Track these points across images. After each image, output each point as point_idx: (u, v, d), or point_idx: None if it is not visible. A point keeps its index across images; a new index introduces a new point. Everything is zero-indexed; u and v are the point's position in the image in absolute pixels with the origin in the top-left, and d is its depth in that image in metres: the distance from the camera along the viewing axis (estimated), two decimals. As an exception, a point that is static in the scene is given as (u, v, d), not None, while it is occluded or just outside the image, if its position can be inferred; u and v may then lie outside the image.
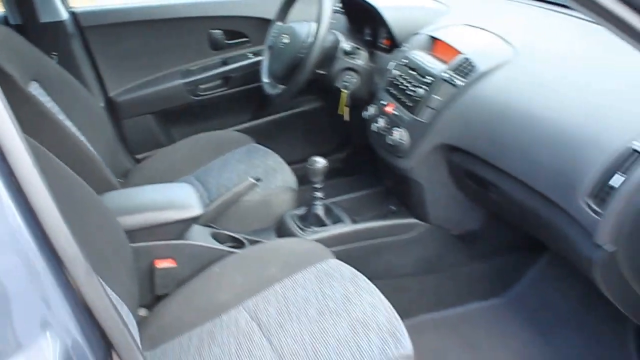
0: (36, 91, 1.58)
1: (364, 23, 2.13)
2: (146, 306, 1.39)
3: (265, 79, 2.13)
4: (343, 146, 2.63)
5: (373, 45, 2.08)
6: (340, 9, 2.23)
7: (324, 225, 1.83)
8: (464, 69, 1.59)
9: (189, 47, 2.44)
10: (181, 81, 2.40)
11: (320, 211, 1.85)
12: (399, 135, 1.70)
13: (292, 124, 2.55)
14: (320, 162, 1.77)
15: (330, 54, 1.98)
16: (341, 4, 2.20)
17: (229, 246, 1.59)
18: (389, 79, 1.84)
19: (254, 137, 2.16)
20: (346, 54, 1.99)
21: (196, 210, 1.50)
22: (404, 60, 1.80)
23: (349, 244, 1.78)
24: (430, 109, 1.63)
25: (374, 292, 1.32)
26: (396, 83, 1.79)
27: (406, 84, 1.74)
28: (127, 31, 2.34)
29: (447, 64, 1.65)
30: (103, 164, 1.67)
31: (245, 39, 2.49)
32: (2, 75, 1.41)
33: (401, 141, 1.69)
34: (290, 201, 1.90)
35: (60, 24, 2.19)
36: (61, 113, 1.66)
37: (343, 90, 2.00)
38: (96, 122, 1.91)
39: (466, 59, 1.60)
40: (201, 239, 1.57)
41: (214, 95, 2.46)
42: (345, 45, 1.99)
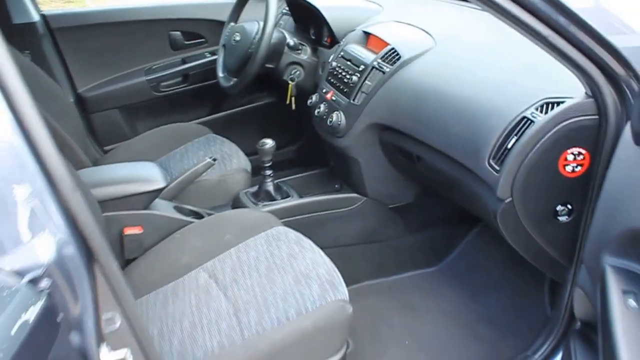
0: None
1: (309, 23, 2.24)
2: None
3: (220, 73, 2.23)
4: (295, 138, 2.72)
5: (317, 43, 2.19)
6: (287, 11, 2.36)
7: (274, 200, 1.94)
8: (391, 57, 1.73)
9: (151, 47, 2.52)
10: (144, 78, 2.49)
11: (270, 188, 1.96)
12: (336, 117, 1.83)
13: (247, 117, 2.64)
14: (269, 142, 1.91)
15: (277, 50, 2.08)
16: (287, 6, 2.32)
17: (190, 218, 1.68)
18: (329, 70, 1.96)
19: (212, 130, 2.24)
20: (291, 49, 2.11)
21: (160, 183, 1.58)
22: (341, 53, 1.93)
23: (296, 216, 1.88)
24: (363, 93, 1.76)
25: (316, 250, 1.41)
26: (335, 73, 1.92)
27: (343, 74, 1.87)
28: (94, 32, 2.42)
29: (377, 54, 1.80)
30: (77, 146, 1.77)
31: (202, 39, 2.59)
32: None
33: (338, 123, 1.82)
34: (245, 181, 2.00)
35: (31, 25, 2.26)
36: (35, 106, 1.78)
37: (290, 81, 2.14)
38: (67, 114, 1.99)
39: (393, 48, 1.74)
40: (165, 211, 1.66)
41: (174, 91, 2.55)
42: (290, 41, 2.11)
